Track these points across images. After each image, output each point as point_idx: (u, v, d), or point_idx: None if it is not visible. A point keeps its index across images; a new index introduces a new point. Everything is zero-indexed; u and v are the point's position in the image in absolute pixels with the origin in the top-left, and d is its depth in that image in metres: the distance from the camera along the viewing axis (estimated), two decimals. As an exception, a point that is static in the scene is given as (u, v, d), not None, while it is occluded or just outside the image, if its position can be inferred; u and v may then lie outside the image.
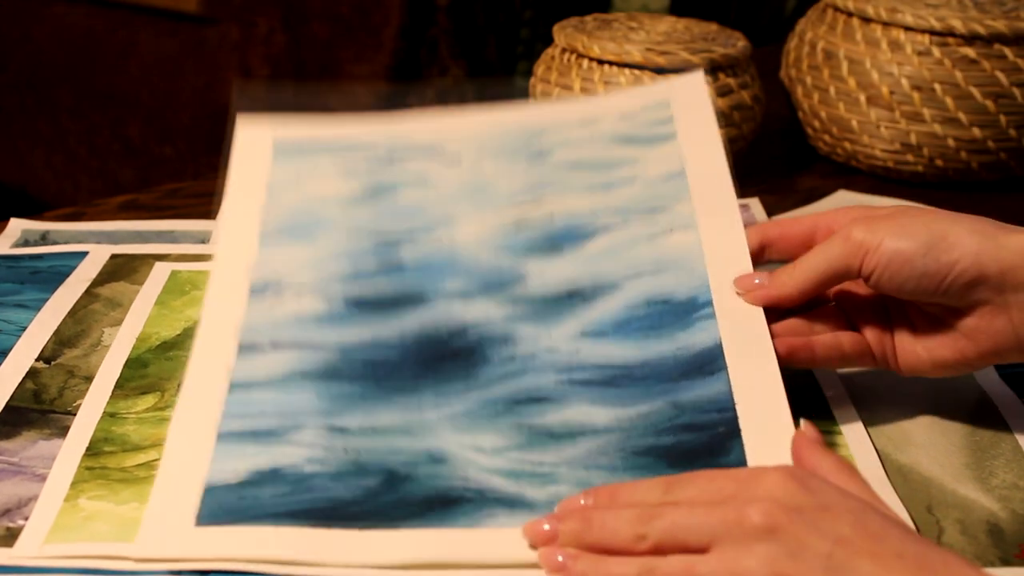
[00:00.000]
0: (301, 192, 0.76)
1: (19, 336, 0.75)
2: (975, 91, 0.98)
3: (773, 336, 0.67)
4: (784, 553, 0.51)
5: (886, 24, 1.01)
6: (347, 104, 0.88)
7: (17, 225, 0.91)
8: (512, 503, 0.60)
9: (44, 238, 0.89)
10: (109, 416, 0.67)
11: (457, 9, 1.95)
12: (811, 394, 0.70)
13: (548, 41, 1.05)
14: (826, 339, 0.67)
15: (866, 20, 1.02)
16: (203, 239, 0.89)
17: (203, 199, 0.96)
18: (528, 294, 0.71)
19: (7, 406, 0.68)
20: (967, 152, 1.00)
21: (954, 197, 1.00)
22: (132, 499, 0.60)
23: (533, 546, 0.57)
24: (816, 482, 0.54)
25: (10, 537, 0.58)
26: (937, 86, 0.99)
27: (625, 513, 0.55)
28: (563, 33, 1.02)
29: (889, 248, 0.63)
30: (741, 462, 0.61)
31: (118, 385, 0.70)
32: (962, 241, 0.62)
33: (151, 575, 0.56)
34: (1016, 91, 0.99)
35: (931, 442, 0.67)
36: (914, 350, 0.67)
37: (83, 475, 0.62)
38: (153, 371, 0.72)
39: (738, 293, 0.69)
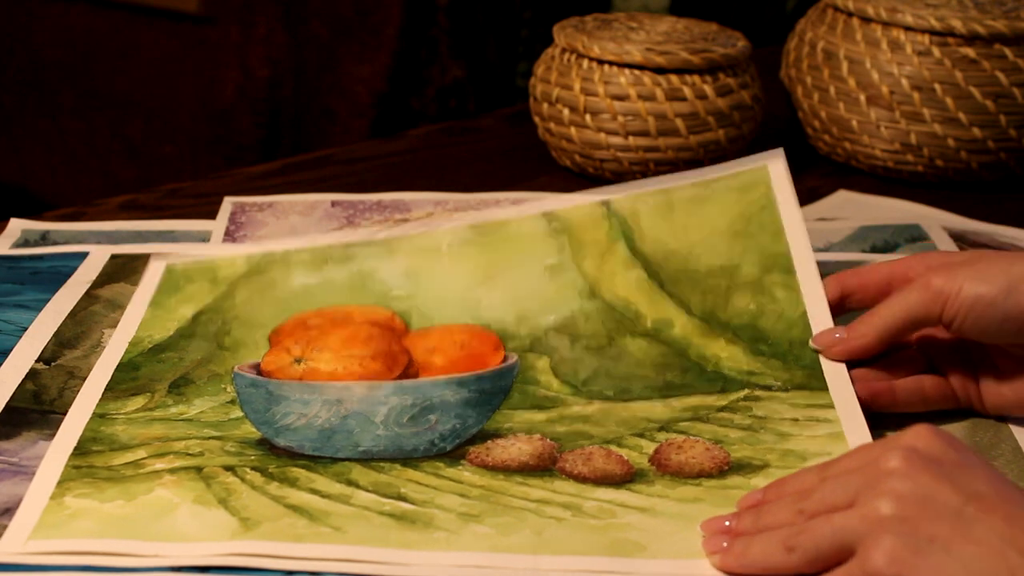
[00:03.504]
0: None
1: (19, 337, 0.75)
2: (975, 91, 0.98)
3: (854, 381, 0.68)
4: (915, 497, 0.52)
5: (886, 24, 1.01)
6: (348, 104, 0.88)
7: (17, 225, 0.91)
8: None
9: (44, 238, 0.89)
10: (98, 417, 0.67)
11: (457, 9, 1.95)
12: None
13: (548, 41, 1.05)
14: (908, 383, 0.68)
15: (866, 20, 1.02)
16: (203, 239, 0.89)
17: (203, 199, 0.96)
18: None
19: (7, 406, 0.68)
20: (967, 152, 1.00)
21: (954, 197, 1.00)
22: (118, 497, 0.60)
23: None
24: (960, 443, 0.55)
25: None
26: (937, 86, 0.99)
27: (788, 500, 0.57)
28: (563, 33, 1.02)
29: (969, 294, 0.64)
30: None
31: (109, 387, 0.70)
32: None
33: (136, 572, 0.56)
34: (1016, 91, 0.99)
35: (931, 442, 0.67)
36: (1000, 391, 0.67)
37: (70, 474, 0.62)
38: (144, 373, 0.71)
39: (817, 350, 0.70)
